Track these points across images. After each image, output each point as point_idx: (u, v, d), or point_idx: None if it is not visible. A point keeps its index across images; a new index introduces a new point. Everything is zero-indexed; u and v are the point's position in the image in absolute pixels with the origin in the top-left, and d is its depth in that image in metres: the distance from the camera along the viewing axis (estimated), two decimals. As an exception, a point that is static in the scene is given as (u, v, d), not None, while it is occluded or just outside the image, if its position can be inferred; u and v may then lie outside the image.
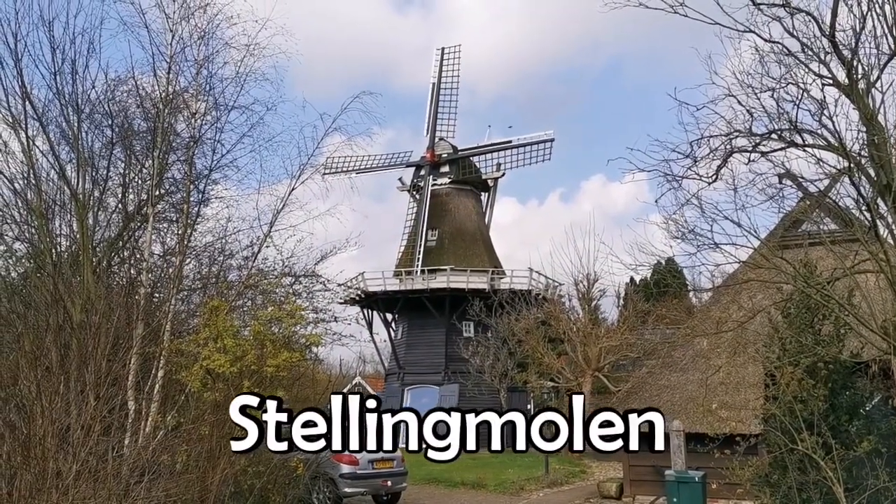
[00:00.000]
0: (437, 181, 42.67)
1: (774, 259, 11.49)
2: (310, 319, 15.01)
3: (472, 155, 43.23)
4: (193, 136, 14.40)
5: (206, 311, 12.83)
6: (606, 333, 31.12)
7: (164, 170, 14.39)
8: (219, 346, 12.22)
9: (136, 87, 14.53)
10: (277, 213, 15.21)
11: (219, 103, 14.58)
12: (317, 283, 16.67)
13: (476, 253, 41.38)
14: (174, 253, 14.38)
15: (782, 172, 10.78)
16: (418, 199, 42.48)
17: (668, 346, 21.99)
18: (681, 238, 11.26)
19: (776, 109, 10.42)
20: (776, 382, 12.07)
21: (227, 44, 14.65)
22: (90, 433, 9.25)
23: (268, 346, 12.58)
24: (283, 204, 15.21)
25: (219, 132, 14.63)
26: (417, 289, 39.35)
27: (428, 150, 42.89)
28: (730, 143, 10.86)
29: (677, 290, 25.04)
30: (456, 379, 37.12)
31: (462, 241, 41.58)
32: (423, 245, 40.40)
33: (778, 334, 12.72)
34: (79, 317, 11.61)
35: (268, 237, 15.24)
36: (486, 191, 44.62)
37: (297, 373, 14.37)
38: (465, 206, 42.91)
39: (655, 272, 34.71)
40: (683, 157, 10.97)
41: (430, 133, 43.07)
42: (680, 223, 11.23)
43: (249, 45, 14.41)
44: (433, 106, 43.03)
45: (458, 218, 42.31)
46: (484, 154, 43.08)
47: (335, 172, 40.08)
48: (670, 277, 17.47)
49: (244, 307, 15.38)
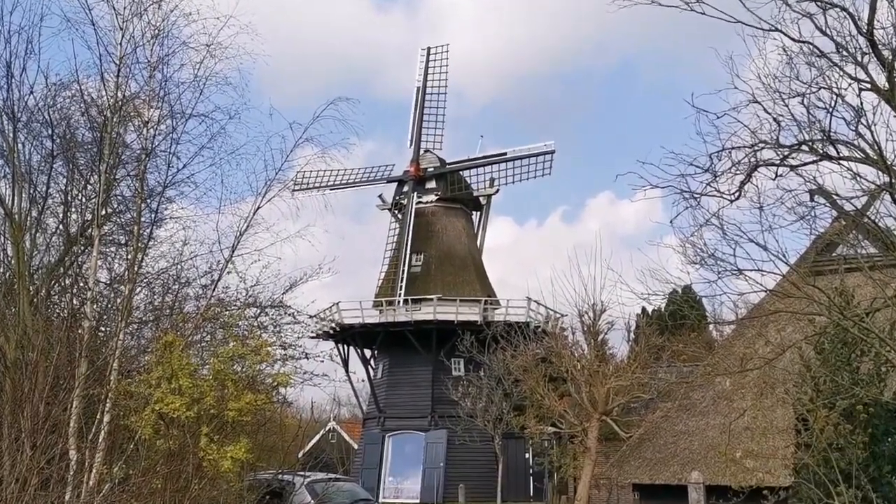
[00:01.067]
0: (423, 198, 42.82)
1: (806, 287, 11.53)
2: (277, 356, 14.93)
3: (462, 169, 43.46)
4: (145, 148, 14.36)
5: (159, 347, 12.75)
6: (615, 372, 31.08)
7: (112, 186, 14.34)
8: (173, 387, 12.13)
9: (81, 92, 14.50)
10: (240, 236, 15.18)
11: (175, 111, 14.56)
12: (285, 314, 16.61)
13: (467, 280, 41.43)
14: (123, 281, 14.31)
15: (814, 189, 10.85)
16: (401, 219, 42.58)
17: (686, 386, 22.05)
18: (699, 263, 11.30)
19: (807, 117, 10.52)
20: (809, 428, 12.09)
21: (185, 43, 14.66)
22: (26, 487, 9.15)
23: (229, 387, 12.50)
24: (246, 225, 15.19)
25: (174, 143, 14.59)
26: (400, 321, 39.29)
27: (412, 164, 43.09)
28: (754, 155, 10.93)
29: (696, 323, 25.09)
30: (444, 424, 37.00)
31: (451, 267, 41.63)
32: (406, 271, 40.42)
33: (810, 373, 12.76)
34: (13, 354, 11.52)
35: (229, 262, 15.20)
36: (477, 209, 44.78)
37: (263, 417, 14.28)
38: (455, 227, 43.03)
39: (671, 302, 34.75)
40: (702, 171, 11.03)
41: (414, 144, 43.30)
42: (698, 246, 11.27)
43: (210, 44, 14.42)
44: (418, 114, 43.32)
45: (446, 240, 42.41)
46: (475, 168, 43.37)
47: (307, 189, 40.03)
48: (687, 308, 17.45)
49: (202, 342, 15.29)
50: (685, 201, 11.10)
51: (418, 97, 43.63)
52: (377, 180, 43.93)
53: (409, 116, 44.00)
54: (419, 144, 43.15)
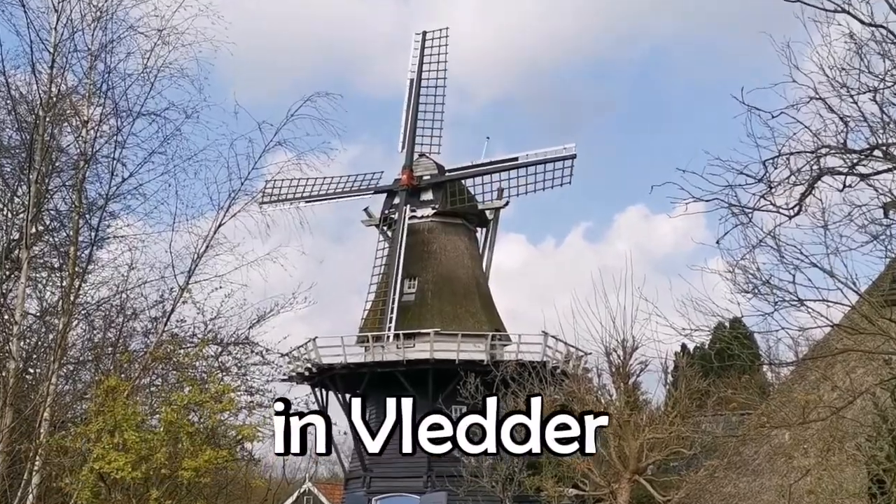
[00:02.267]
0: (417, 212, 42.85)
1: (880, 321, 11.49)
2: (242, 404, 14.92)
3: (465, 177, 43.50)
4: (84, 153, 14.40)
5: (100, 392, 12.72)
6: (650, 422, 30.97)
7: (44, 199, 14.36)
8: (117, 442, 12.09)
9: (7, 86, 14.56)
10: (198, 258, 15.23)
11: (120, 108, 14.66)
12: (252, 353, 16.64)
13: (470, 311, 41.37)
14: (56, 312, 14.30)
15: (889, 202, 10.83)
16: (391, 238, 42.55)
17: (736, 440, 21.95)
18: (751, 292, 11.28)
19: (880, 117, 10.51)
20: (885, 491, 12.03)
21: (133, 27, 14.78)
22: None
23: (184, 442, 12.46)
24: (206, 245, 15.24)
25: (119, 147, 14.68)
26: (390, 360, 39.17)
27: (404, 171, 43.12)
28: (817, 162, 10.92)
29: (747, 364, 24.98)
30: (443, 485, 36.78)
31: (451, 295, 41.58)
32: (397, 300, 40.35)
33: (887, 424, 12.71)
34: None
35: (185, 291, 15.22)
36: (483, 225, 44.79)
37: (225, 478, 14.23)
38: (456, 247, 43.03)
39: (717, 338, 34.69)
40: (754, 181, 11.03)
41: (407, 148, 43.33)
42: (750, 271, 11.27)
43: (162, 29, 14.53)
44: (412, 111, 43.38)
45: (445, 262, 42.39)
46: (480, 176, 43.33)
47: (279, 201, 40.18)
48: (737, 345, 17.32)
49: (152, 387, 15.28)
50: (734, 217, 11.12)
51: (412, 91, 43.73)
52: (363, 191, 43.95)
53: (401, 114, 44.12)
54: (413, 148, 43.22)
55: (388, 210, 43.76)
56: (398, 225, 42.09)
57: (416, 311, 40.93)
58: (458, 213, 43.35)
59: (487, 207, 43.93)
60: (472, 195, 43.54)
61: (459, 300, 41.63)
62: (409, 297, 41.37)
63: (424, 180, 43.25)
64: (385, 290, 41.03)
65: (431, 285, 41.77)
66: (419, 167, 43.31)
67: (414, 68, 44.18)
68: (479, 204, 43.71)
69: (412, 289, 41.69)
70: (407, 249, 41.49)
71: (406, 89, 44.24)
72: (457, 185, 43.30)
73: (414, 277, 41.80)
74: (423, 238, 42.67)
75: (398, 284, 40.74)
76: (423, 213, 43.00)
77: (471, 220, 44.21)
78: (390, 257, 41.81)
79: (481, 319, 41.21)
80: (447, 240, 43.01)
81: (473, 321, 40.86)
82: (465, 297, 41.87)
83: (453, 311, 41.10)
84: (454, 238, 43.24)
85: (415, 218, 42.74)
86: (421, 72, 43.81)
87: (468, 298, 41.88)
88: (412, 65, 44.36)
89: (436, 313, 40.68)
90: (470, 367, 36.71)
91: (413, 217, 42.65)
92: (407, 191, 42.82)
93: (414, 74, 44.07)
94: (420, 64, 43.93)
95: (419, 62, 44.02)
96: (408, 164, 43.20)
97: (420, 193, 43.19)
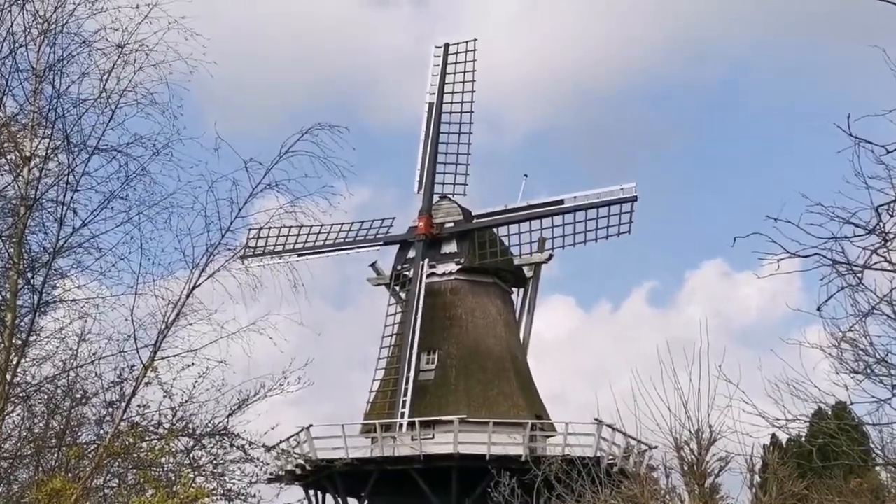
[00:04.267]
0: (438, 268, 42.88)
1: None
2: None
3: (498, 224, 43.61)
4: (26, 197, 14.46)
5: (42, 496, 12.70)
6: (732, 534, 30.78)
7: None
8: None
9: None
10: (167, 328, 15.16)
11: (72, 142, 14.68)
12: (231, 447, 16.55)
13: (504, 392, 41.25)
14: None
15: None
16: (405, 300, 42.54)
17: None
18: (862, 372, 11.24)
19: None
20: None
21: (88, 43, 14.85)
22: None
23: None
24: (176, 312, 15.18)
25: (70, 190, 14.68)
26: (403, 456, 39.07)
27: (422, 217, 43.21)
28: (946, 209, 10.89)
29: (856, 462, 24.75)
30: None
31: (480, 372, 41.47)
32: (412, 378, 40.25)
33: None
34: None
35: (149, 368, 15.17)
36: (520, 285, 44.81)
37: None
38: (486, 312, 43.00)
39: (817, 430, 34.46)
40: (865, 231, 10.98)
41: (425, 188, 43.58)
42: (860, 346, 11.21)
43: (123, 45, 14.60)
44: (431, 142, 43.72)
45: (472, 331, 42.33)
46: (517, 223, 43.33)
47: (268, 254, 39.98)
48: (844, 439, 17.14)
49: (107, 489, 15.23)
50: (839, 277, 11.06)
51: (431, 118, 44.23)
52: (370, 242, 44.25)
53: (418, 147, 44.61)
54: (432, 189, 43.59)
55: (401, 266, 43.87)
56: (414, 284, 42.15)
57: (437, 392, 40.84)
58: (489, 270, 43.42)
59: (526, 263, 44.00)
60: (506, 247, 43.64)
61: (490, 379, 41.51)
62: (428, 376, 41.28)
63: (446, 228, 43.40)
64: (397, 367, 40.93)
65: (455, 360, 41.69)
66: (440, 212, 43.48)
67: (434, 90, 44.71)
68: (516, 258, 43.84)
69: (431, 364, 41.62)
70: (425, 315, 41.50)
71: (424, 116, 44.76)
72: (487, 234, 43.43)
73: (433, 350, 41.76)
74: (444, 301, 42.73)
75: (413, 359, 40.66)
76: (445, 270, 43.03)
77: (505, 279, 44.26)
78: (404, 325, 41.81)
79: (518, 404, 41.07)
80: (475, 303, 43.01)
81: (508, 406, 40.73)
82: (497, 375, 41.76)
83: (483, 392, 40.98)
84: (484, 301, 43.26)
85: (434, 275, 42.82)
86: (443, 94, 44.28)
87: (502, 377, 41.77)
88: (431, 86, 44.93)
89: (461, 396, 40.59)
90: (504, 465, 36.49)
91: (432, 274, 42.74)
92: (425, 241, 42.99)
93: (434, 97, 44.57)
94: (441, 85, 44.42)
95: (440, 82, 44.51)
96: (426, 209, 43.48)
97: (441, 245, 43.33)
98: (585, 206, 42.22)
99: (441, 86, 44.53)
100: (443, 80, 44.47)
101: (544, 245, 43.25)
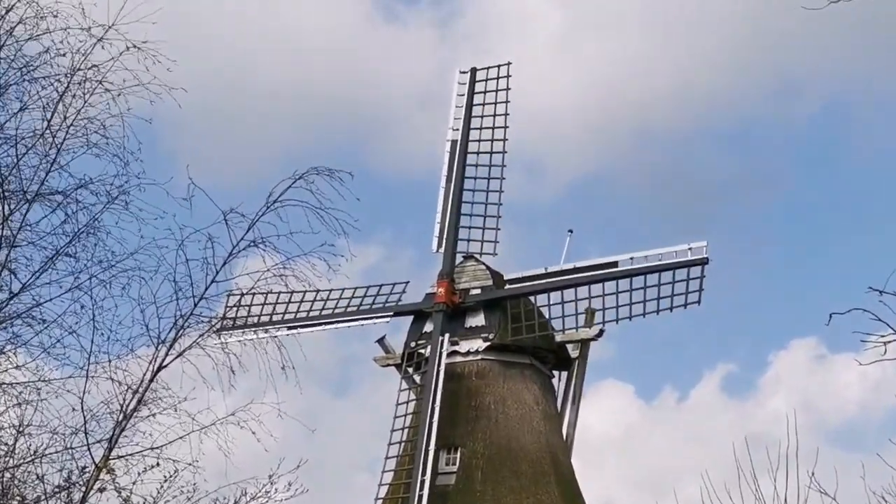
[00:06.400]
0: (461, 346, 42.88)
1: None
2: None
3: (536, 291, 43.67)
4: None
5: None
6: None
7: None
8: None
9: None
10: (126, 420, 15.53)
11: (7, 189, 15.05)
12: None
13: (542, 502, 41.31)
14: None
15: None
16: (420, 384, 42.69)
17: None
18: None
19: None
20: None
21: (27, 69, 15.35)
22: None
23: None
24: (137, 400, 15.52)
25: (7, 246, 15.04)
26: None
27: (442, 282, 43.23)
28: None
29: None
30: None
31: (513, 476, 41.49)
32: (428, 482, 40.12)
33: None
34: None
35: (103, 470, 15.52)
36: (564, 367, 44.72)
37: None
38: (520, 400, 42.95)
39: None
40: None
41: (446, 246, 43.83)
42: None
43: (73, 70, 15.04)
44: (454, 191, 44.07)
45: (504, 424, 42.32)
46: (559, 290, 43.35)
47: (249, 328, 39.49)
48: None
49: None
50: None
51: (454, 160, 44.47)
52: (377, 312, 44.44)
53: (437, 196, 44.74)
54: (455, 247, 43.77)
55: (415, 342, 43.85)
56: (431, 365, 42.03)
57: (458, 500, 40.81)
58: (525, 349, 43.37)
59: (570, 339, 43.82)
60: (546, 320, 43.47)
61: (526, 485, 41.49)
62: (448, 479, 41.17)
63: (472, 296, 43.37)
64: (410, 468, 40.83)
65: (482, 461, 41.64)
66: (464, 276, 43.62)
67: (458, 125, 44.79)
68: (558, 334, 43.69)
69: (452, 465, 41.50)
70: (444, 403, 41.29)
71: (446, 157, 44.90)
72: (522, 304, 43.36)
73: (455, 448, 41.68)
74: (469, 386, 42.79)
75: (430, 459, 40.46)
76: (470, 348, 42.97)
77: (544, 360, 44.31)
78: (419, 416, 41.77)
79: (560, 514, 41.19)
80: (507, 389, 42.99)
81: (547, 517, 40.85)
82: (534, 480, 41.75)
83: (516, 501, 41.07)
84: (518, 386, 43.25)
85: (457, 354, 42.78)
86: (468, 130, 44.42)
87: (539, 483, 41.76)
88: (455, 119, 45.03)
89: (488, 502, 40.66)
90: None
91: (454, 353, 42.70)
92: (445, 312, 42.80)
93: (458, 134, 44.65)
94: (468, 119, 44.54)
95: (466, 115, 44.64)
96: (447, 272, 43.37)
97: (465, 316, 43.25)
98: (645, 271, 42.08)
99: (467, 120, 44.54)
100: (469, 113, 44.59)
101: (593, 318, 43.00)
